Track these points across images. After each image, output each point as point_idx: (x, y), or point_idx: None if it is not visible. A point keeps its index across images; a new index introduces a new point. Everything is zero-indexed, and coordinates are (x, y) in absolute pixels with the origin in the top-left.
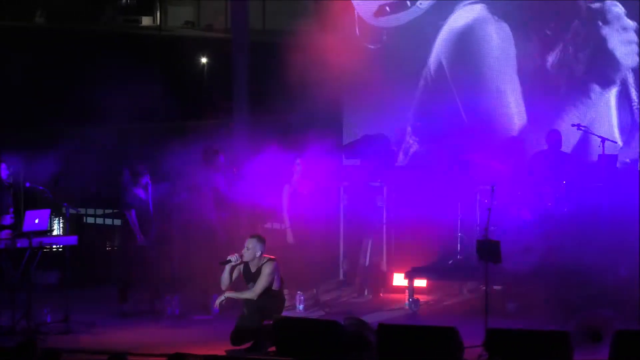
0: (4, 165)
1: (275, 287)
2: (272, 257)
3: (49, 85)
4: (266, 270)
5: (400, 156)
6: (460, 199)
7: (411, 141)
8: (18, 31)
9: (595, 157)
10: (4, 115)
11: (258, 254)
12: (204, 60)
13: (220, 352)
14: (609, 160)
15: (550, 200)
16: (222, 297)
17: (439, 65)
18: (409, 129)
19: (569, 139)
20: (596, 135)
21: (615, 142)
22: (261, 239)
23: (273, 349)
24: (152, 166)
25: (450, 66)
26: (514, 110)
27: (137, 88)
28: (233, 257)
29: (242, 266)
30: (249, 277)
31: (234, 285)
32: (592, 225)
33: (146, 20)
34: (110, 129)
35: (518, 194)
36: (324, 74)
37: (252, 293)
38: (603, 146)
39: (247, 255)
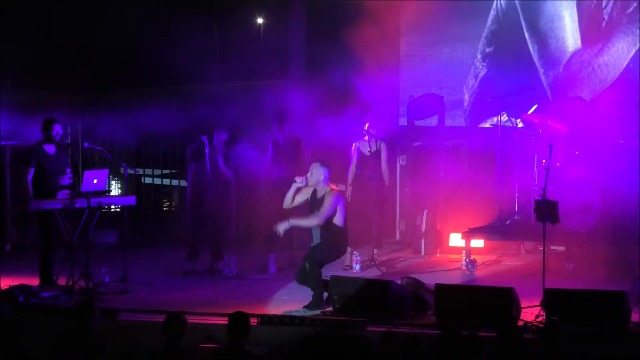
0: (57, 126)
1: (339, 222)
2: (336, 188)
3: (107, 47)
4: (328, 199)
5: (471, 80)
6: (517, 158)
7: (480, 66)
8: None
9: None
10: (61, 77)
11: (321, 178)
12: (260, 20)
13: (277, 311)
14: None
15: (608, 159)
16: (287, 224)
17: None
18: (478, 55)
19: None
20: None
21: None
22: (324, 164)
23: (329, 309)
24: (210, 127)
25: None
26: (569, 34)
27: (194, 49)
28: (299, 178)
29: (310, 193)
30: (314, 202)
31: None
32: None
33: None
34: (168, 90)
35: (576, 153)
36: (381, 29)
37: (315, 219)
38: None
39: (311, 179)
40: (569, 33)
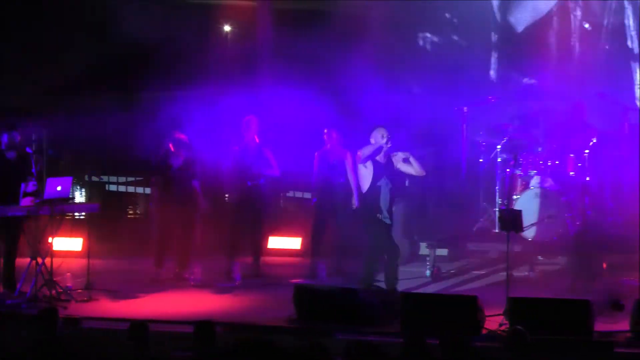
0: (15, 133)
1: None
2: None
3: (72, 53)
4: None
5: None
6: (483, 167)
7: None
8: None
9: (617, 126)
10: (27, 82)
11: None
12: (227, 28)
13: (244, 320)
14: (632, 129)
15: (573, 169)
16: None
17: None
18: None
19: (593, 108)
20: (619, 104)
21: (638, 110)
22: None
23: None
24: (180, 134)
25: None
26: None
27: (165, 55)
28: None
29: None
30: (385, 168)
31: None
32: (614, 195)
33: None
34: (134, 96)
35: (541, 163)
36: (354, 37)
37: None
38: (626, 115)
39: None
40: None
